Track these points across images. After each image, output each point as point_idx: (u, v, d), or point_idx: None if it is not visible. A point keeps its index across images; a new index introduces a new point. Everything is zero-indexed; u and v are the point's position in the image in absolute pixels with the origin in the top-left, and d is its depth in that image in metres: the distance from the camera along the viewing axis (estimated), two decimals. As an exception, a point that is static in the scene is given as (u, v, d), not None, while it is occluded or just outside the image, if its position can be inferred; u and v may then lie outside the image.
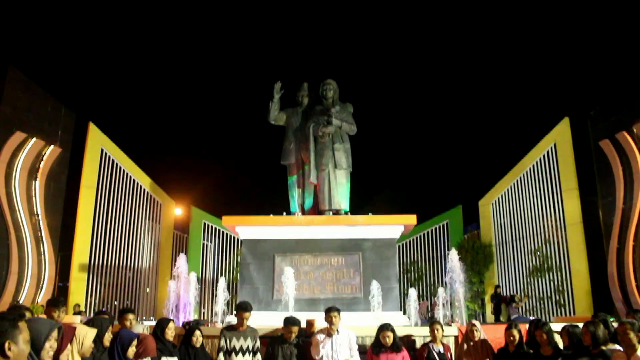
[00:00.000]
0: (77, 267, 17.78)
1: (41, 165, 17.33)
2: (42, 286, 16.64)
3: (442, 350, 6.98)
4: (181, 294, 11.73)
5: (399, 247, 21.08)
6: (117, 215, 19.31)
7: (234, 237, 21.22)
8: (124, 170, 19.69)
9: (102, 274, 18.62)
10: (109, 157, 19.20)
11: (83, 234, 18.15)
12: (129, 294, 19.61)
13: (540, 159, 19.42)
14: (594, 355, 1.38)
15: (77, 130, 19.17)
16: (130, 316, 6.38)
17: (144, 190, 20.44)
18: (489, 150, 40.96)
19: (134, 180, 20.05)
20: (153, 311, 19.81)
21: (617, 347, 5.30)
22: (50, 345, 3.08)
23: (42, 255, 16.87)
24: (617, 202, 16.64)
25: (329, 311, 6.87)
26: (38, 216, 17.04)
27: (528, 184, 19.85)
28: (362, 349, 7.30)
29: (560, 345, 6.27)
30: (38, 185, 17.19)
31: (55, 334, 3.13)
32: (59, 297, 8.23)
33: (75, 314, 14.02)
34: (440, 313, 11.13)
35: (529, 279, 19.50)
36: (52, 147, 17.68)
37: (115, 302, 19.03)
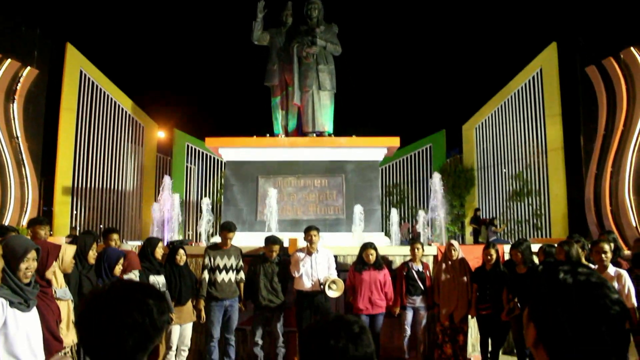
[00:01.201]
0: (61, 191, 17.75)
1: (18, 88, 16.86)
2: (26, 209, 16.62)
3: (421, 269, 7.21)
4: (165, 215, 11.82)
5: (382, 169, 21.27)
6: (99, 138, 19.11)
7: (218, 159, 21.24)
8: (104, 93, 19.29)
9: (86, 197, 18.65)
10: (89, 79, 18.75)
11: (65, 157, 17.98)
12: (114, 216, 19.74)
13: (525, 84, 19.32)
14: (576, 263, 1.41)
15: (54, 51, 18.58)
16: (115, 236, 6.43)
17: (126, 112, 20.13)
18: (475, 75, 40.63)
19: (115, 103, 19.68)
20: (138, 233, 20.03)
21: (591, 265, 5.52)
22: (26, 267, 3.07)
23: (25, 179, 16.74)
24: (599, 129, 16.72)
25: (308, 230, 7.01)
26: (18, 139, 16.76)
27: (512, 109, 19.87)
28: (344, 268, 7.52)
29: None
30: (16, 108, 16.80)
31: (32, 254, 3.10)
32: (42, 216, 8.25)
33: (69, 236, 14.05)
34: (421, 234, 11.42)
35: (508, 203, 19.93)
36: (28, 68, 17.16)
37: (101, 226, 19.15)
